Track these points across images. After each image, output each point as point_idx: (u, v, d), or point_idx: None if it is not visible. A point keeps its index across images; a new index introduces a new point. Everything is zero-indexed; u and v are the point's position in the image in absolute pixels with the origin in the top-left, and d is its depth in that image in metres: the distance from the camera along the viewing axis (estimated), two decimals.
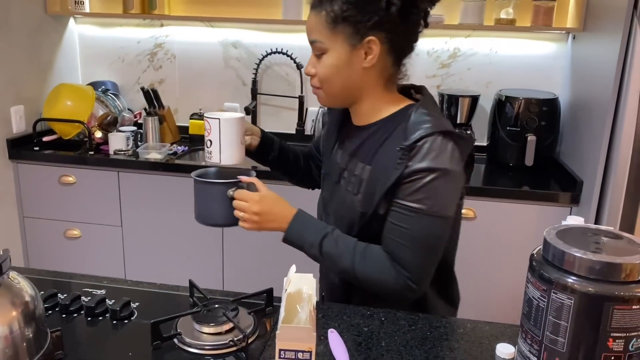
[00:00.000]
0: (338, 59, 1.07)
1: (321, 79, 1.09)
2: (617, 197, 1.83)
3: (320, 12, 1.05)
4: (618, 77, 1.80)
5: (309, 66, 1.11)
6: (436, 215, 1.02)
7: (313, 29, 1.08)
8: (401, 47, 1.09)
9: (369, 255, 1.06)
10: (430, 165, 0.99)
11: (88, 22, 2.80)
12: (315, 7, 1.07)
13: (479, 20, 2.32)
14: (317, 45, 1.08)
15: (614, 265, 0.70)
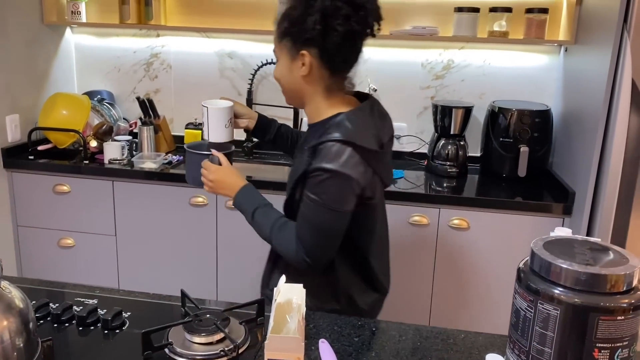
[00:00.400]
0: (283, 66, 1.30)
1: (278, 81, 1.33)
2: (609, 207, 1.85)
3: (275, 29, 1.29)
4: (609, 89, 1.82)
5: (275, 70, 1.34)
6: (329, 208, 1.20)
7: (273, 41, 1.31)
8: (333, 61, 1.24)
9: (283, 229, 1.28)
10: (324, 166, 1.18)
11: (84, 31, 2.82)
12: (274, 24, 1.30)
13: (472, 33, 2.34)
14: (275, 54, 1.32)
15: (599, 277, 0.71)
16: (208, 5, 2.65)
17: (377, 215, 1.37)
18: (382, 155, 1.26)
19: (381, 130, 1.29)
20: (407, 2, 2.49)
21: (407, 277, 2.24)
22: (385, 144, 1.29)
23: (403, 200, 2.17)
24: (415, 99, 2.61)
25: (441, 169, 2.42)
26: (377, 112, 1.32)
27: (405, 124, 2.65)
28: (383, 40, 2.53)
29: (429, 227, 2.18)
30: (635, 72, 1.75)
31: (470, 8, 2.32)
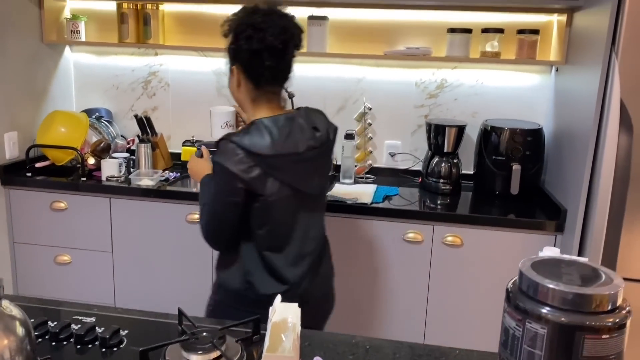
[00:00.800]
0: (229, 80, 1.58)
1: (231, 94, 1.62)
2: (600, 225, 1.88)
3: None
4: (598, 109, 1.86)
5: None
6: (218, 197, 1.46)
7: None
8: (252, 76, 1.50)
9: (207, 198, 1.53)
10: (214, 159, 1.45)
11: (83, 50, 2.85)
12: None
13: (465, 53, 2.39)
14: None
15: (584, 296, 0.74)
16: (206, 25, 2.69)
17: (275, 213, 1.48)
18: (284, 160, 1.44)
19: (299, 140, 1.46)
20: (401, 23, 2.54)
21: (401, 294, 2.26)
22: (302, 152, 1.46)
23: (398, 217, 2.19)
24: (409, 118, 2.65)
25: (435, 186, 2.45)
26: (299, 124, 1.48)
27: (399, 141, 2.68)
28: (377, 60, 2.58)
29: (423, 244, 2.20)
30: (624, 92, 1.79)
31: (462, 29, 2.37)
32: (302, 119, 1.51)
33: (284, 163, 1.44)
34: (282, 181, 1.45)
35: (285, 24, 1.50)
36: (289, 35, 1.49)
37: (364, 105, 2.63)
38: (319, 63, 2.66)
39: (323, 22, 2.46)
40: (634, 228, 1.85)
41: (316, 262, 1.60)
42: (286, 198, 1.48)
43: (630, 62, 1.77)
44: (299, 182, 1.49)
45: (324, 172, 1.63)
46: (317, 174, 1.56)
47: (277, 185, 1.44)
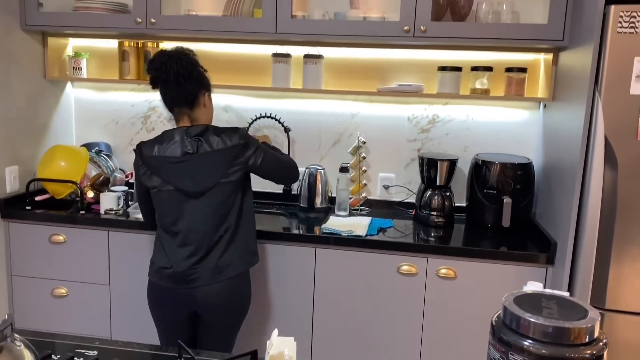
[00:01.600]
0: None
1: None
2: (588, 258, 1.92)
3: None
4: (584, 145, 1.93)
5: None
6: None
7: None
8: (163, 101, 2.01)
9: None
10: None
11: (85, 86, 2.93)
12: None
13: (455, 90, 2.47)
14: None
15: (563, 329, 0.78)
16: (204, 62, 2.75)
17: (162, 202, 1.93)
18: (163, 162, 1.89)
19: (178, 147, 1.89)
20: (393, 61, 2.63)
21: (396, 326, 2.28)
22: (177, 157, 1.88)
23: (392, 250, 2.23)
24: (402, 151, 2.72)
25: (429, 219, 2.50)
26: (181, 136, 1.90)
27: (393, 174, 2.74)
28: (371, 96, 2.66)
29: (418, 277, 2.24)
30: (608, 129, 1.87)
31: (453, 67, 2.46)
32: (182, 132, 1.90)
33: (163, 164, 1.89)
34: (163, 178, 1.90)
35: (166, 61, 1.90)
36: (164, 70, 1.89)
37: (358, 139, 2.70)
38: (315, 99, 2.74)
39: (318, 60, 2.55)
40: (621, 261, 1.90)
41: (200, 252, 1.91)
42: (169, 192, 1.91)
43: (612, 100, 1.85)
44: (174, 180, 1.89)
45: (204, 174, 1.89)
46: (193, 175, 1.88)
47: (159, 180, 1.91)
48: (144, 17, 2.45)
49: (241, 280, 1.99)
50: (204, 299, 1.92)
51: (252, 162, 1.93)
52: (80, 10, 2.56)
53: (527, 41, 2.24)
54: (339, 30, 2.35)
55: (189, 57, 1.96)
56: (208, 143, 1.89)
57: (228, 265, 1.94)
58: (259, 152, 1.95)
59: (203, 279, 1.91)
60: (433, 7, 2.29)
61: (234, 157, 1.90)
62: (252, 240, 2.04)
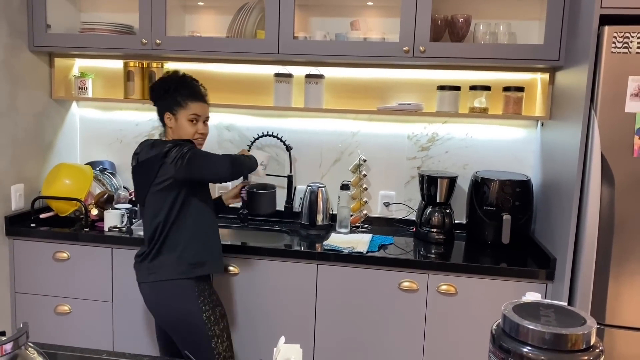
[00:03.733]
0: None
1: (207, 133, 2.16)
2: (587, 273, 1.95)
3: (207, 104, 2.16)
4: (581, 163, 1.96)
5: (205, 130, 2.15)
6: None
7: (207, 111, 2.16)
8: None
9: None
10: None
11: (89, 105, 2.98)
12: (205, 101, 2.15)
13: (454, 109, 2.52)
14: (209, 118, 2.18)
15: (561, 336, 0.81)
16: (208, 82, 2.81)
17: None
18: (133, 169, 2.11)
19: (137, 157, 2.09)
20: (393, 80, 2.69)
21: (398, 342, 2.29)
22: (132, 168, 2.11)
23: (393, 266, 2.26)
24: (402, 169, 2.75)
25: (429, 236, 2.52)
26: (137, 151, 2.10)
27: (394, 192, 2.78)
28: (371, 115, 2.71)
29: (419, 293, 2.26)
30: (604, 147, 1.90)
31: (451, 86, 2.51)
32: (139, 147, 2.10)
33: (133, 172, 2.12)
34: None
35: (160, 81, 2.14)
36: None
37: (359, 157, 2.74)
38: (316, 118, 2.79)
39: (319, 80, 2.60)
40: (620, 276, 1.92)
41: (142, 252, 2.10)
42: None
43: (608, 118, 1.89)
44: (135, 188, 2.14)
45: (140, 184, 2.08)
46: (135, 185, 2.11)
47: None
48: (150, 38, 2.51)
49: (172, 289, 2.03)
50: (142, 296, 2.11)
51: (180, 164, 1.96)
52: (86, 31, 2.62)
53: (523, 61, 2.29)
54: (340, 50, 2.40)
55: (155, 82, 2.17)
56: (140, 155, 2.07)
57: (158, 269, 2.04)
58: (186, 152, 1.97)
59: (139, 276, 2.09)
60: (432, 28, 2.35)
61: (158, 167, 1.99)
62: (191, 251, 2.05)
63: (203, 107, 2.13)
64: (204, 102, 2.13)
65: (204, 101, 2.13)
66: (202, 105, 2.12)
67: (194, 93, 2.11)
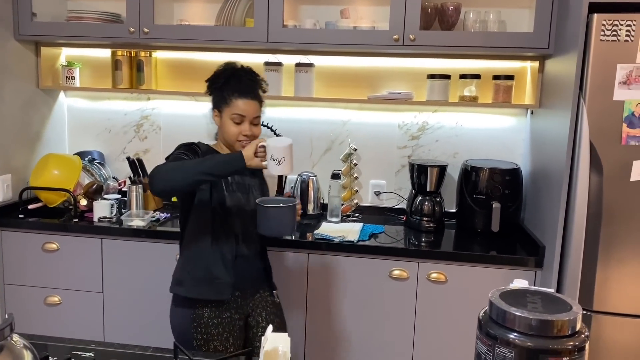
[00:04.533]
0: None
1: (257, 136, 1.88)
2: (576, 261, 1.96)
3: (258, 101, 1.89)
4: (570, 149, 1.97)
5: (250, 131, 1.86)
6: None
7: (256, 110, 1.88)
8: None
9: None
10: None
11: (77, 95, 2.95)
12: (254, 98, 1.87)
13: (444, 97, 2.51)
14: (258, 118, 1.89)
15: (547, 322, 0.82)
16: (197, 71, 2.81)
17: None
18: None
19: None
20: (384, 69, 2.68)
21: (388, 330, 2.31)
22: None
23: (384, 255, 2.26)
24: (393, 158, 2.75)
25: (419, 224, 2.53)
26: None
27: (384, 181, 2.78)
28: (362, 104, 2.70)
29: (409, 281, 2.27)
30: (593, 134, 1.91)
31: (441, 75, 2.51)
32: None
33: None
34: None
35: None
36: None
37: (349, 147, 2.73)
38: (306, 107, 2.78)
39: (309, 68, 2.59)
40: (608, 263, 1.94)
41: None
42: None
43: (596, 106, 1.90)
44: None
45: None
46: None
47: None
48: (137, 26, 2.48)
49: (173, 301, 1.92)
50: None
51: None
52: (73, 20, 2.59)
53: (513, 49, 2.29)
54: (330, 39, 2.39)
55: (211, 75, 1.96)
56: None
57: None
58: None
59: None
60: (422, 17, 2.34)
61: None
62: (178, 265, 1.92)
63: (250, 105, 1.85)
64: (253, 99, 1.86)
65: (253, 98, 1.86)
66: (249, 103, 1.84)
67: (241, 88, 1.85)
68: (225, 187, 1.89)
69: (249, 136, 1.85)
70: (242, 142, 1.84)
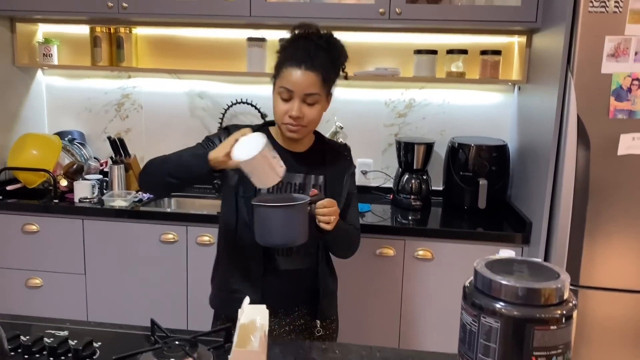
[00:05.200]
0: (323, 106, 1.52)
1: (310, 120, 1.49)
2: (563, 236, 1.95)
3: (317, 74, 1.44)
4: (557, 125, 1.95)
5: (296, 112, 1.45)
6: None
7: (311, 84, 1.44)
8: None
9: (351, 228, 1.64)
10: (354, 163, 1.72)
11: (56, 73, 2.87)
12: (310, 68, 1.44)
13: (431, 73, 2.48)
14: (313, 97, 1.46)
15: (534, 291, 0.79)
16: (178, 47, 2.74)
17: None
18: None
19: None
20: (370, 45, 2.63)
21: (375, 306, 2.29)
22: None
23: (370, 233, 2.24)
24: (379, 136, 2.72)
25: (406, 203, 2.51)
26: None
27: (371, 159, 2.74)
28: (348, 80, 2.64)
29: (395, 258, 2.25)
30: (580, 109, 1.89)
31: (428, 50, 2.46)
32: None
33: None
34: None
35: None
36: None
37: (335, 125, 2.69)
38: None
39: None
40: (594, 238, 1.93)
41: None
42: None
43: (584, 80, 1.87)
44: None
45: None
46: None
47: None
48: (116, 1, 2.40)
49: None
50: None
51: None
52: None
53: (501, 23, 2.26)
54: (315, 12, 2.33)
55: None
56: None
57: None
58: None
59: None
60: None
61: None
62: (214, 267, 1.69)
63: (304, 77, 1.42)
64: (309, 69, 1.43)
65: (310, 68, 1.43)
66: (302, 75, 1.42)
67: (297, 55, 1.44)
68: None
69: (297, 118, 1.45)
70: (289, 126, 1.47)
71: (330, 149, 1.68)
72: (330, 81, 1.50)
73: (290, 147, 1.60)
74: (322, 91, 1.47)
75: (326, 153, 1.65)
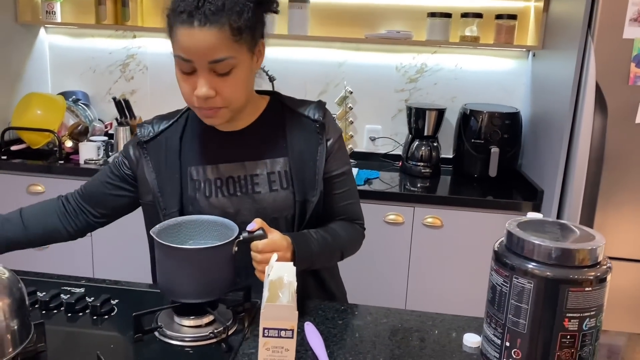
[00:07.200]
0: (246, 69, 1.05)
1: (229, 96, 1.05)
2: (575, 205, 1.93)
3: (222, 27, 0.98)
4: (574, 92, 1.91)
5: (206, 88, 1.03)
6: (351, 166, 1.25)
7: (217, 46, 0.99)
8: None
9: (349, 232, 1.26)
10: (339, 131, 1.21)
11: (59, 32, 2.80)
12: (213, 22, 0.98)
13: (444, 37, 2.42)
14: (224, 62, 1.01)
15: (569, 251, 0.77)
16: None
17: None
18: None
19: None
20: (382, 6, 2.56)
21: (382, 273, 2.29)
22: None
23: (379, 200, 2.22)
24: (389, 102, 2.67)
25: (415, 170, 2.48)
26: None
27: (380, 126, 2.71)
28: (358, 43, 2.59)
29: (404, 226, 2.23)
30: (599, 75, 1.84)
31: (442, 13, 2.40)
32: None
33: None
34: None
35: None
36: None
37: (345, 89, 2.65)
38: (300, 47, 2.66)
39: (304, 4, 2.46)
40: (607, 207, 1.91)
41: None
42: None
43: (605, 44, 1.82)
44: None
45: None
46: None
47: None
48: None
49: None
50: None
51: None
52: None
53: None
54: None
55: None
56: None
57: None
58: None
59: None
60: None
61: None
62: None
63: (201, 36, 1.00)
64: (204, 24, 0.99)
65: (204, 22, 0.99)
66: (198, 34, 1.00)
67: (182, 6, 1.01)
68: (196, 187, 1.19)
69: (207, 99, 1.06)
70: (202, 110, 1.09)
71: (291, 113, 1.18)
72: (248, 29, 1.02)
73: (224, 126, 1.16)
74: (237, 49, 1.02)
75: (286, 121, 1.17)
